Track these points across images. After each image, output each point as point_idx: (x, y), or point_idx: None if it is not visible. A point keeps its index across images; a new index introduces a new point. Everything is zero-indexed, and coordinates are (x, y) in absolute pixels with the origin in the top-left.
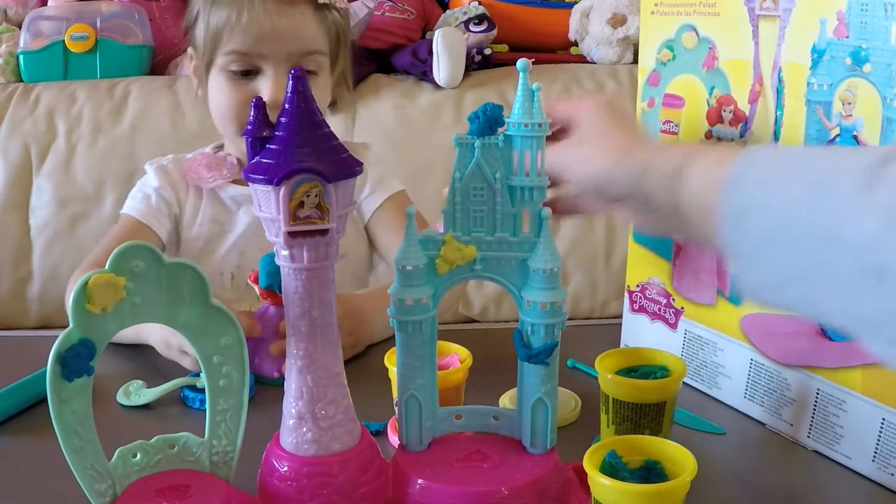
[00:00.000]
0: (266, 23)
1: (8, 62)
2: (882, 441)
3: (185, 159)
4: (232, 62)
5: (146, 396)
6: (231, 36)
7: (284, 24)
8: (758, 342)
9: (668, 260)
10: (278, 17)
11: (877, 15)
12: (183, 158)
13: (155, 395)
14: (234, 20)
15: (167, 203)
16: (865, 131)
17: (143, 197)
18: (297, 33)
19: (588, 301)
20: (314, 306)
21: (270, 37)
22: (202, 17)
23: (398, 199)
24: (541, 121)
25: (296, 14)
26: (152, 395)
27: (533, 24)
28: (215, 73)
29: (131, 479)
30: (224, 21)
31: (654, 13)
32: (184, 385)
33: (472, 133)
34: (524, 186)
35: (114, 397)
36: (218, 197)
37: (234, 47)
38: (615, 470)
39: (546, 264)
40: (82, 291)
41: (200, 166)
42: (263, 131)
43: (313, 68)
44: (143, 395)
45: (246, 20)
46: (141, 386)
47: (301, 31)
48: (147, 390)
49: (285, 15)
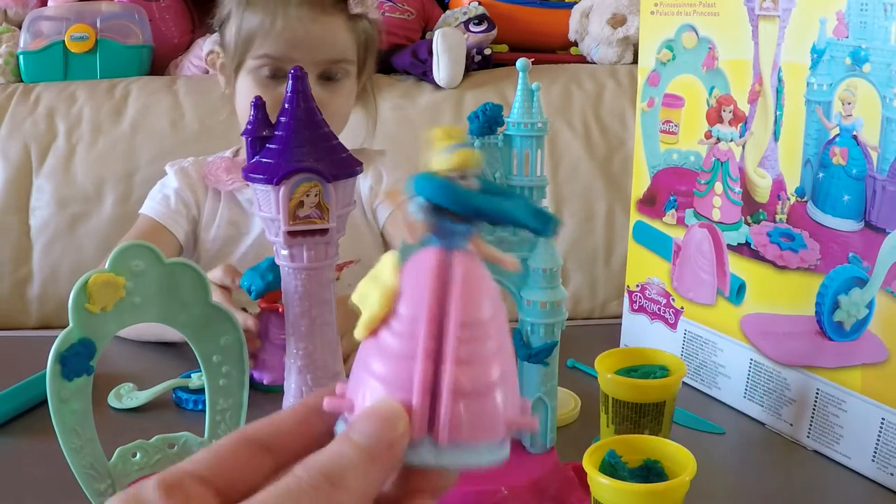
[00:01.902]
0: (300, 30)
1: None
2: (882, 441)
3: (206, 162)
4: (262, 66)
5: (138, 399)
6: (264, 41)
7: (317, 32)
8: (757, 342)
9: (668, 260)
10: (311, 24)
11: (876, 15)
12: (203, 161)
13: (147, 397)
14: (269, 26)
15: (186, 205)
16: (865, 131)
17: (162, 198)
18: (328, 42)
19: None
20: (314, 306)
21: (303, 44)
22: (234, 18)
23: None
24: (540, 121)
25: (328, 22)
26: (144, 397)
27: (533, 25)
28: (244, 75)
29: (131, 478)
30: (258, 25)
31: (654, 13)
32: (176, 386)
33: (472, 133)
34: (523, 186)
35: (104, 400)
36: (236, 200)
37: (266, 52)
38: (615, 469)
39: (546, 264)
40: (82, 291)
41: (219, 169)
42: (263, 131)
43: (340, 75)
44: (134, 398)
45: (280, 26)
46: (132, 389)
47: (332, 40)
48: (138, 393)
49: (318, 23)
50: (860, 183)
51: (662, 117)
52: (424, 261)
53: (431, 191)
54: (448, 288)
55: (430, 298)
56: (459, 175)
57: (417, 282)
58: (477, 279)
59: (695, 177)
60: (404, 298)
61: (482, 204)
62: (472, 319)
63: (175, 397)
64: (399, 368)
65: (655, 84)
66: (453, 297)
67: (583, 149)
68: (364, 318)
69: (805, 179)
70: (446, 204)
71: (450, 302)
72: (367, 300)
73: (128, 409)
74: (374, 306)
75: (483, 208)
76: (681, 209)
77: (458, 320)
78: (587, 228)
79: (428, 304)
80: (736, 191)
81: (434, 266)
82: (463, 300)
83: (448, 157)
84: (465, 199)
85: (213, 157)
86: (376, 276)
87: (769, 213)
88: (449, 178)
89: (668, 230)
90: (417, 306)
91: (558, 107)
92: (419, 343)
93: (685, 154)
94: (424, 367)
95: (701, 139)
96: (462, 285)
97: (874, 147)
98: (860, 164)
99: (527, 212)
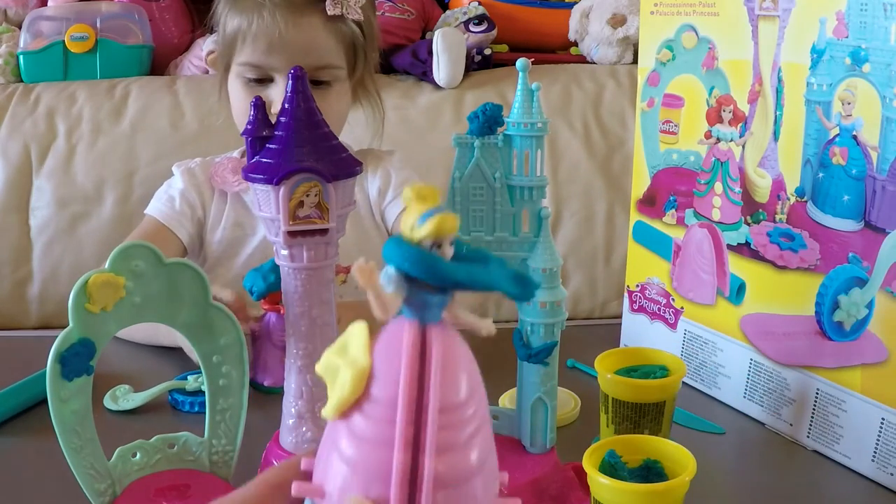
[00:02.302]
0: (275, 34)
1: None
2: (881, 441)
3: (213, 162)
4: (246, 71)
5: (134, 401)
6: (243, 46)
7: (294, 37)
8: (757, 342)
9: (667, 260)
10: (287, 28)
11: (876, 15)
12: (210, 161)
13: (143, 399)
14: (246, 28)
15: (191, 206)
16: (865, 131)
17: (167, 199)
18: (307, 47)
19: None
20: (314, 306)
21: (280, 49)
22: (221, 20)
23: None
24: (540, 121)
25: (305, 26)
26: (140, 399)
27: (533, 25)
28: (232, 78)
29: (131, 478)
30: (237, 28)
31: (653, 13)
32: (172, 388)
33: (472, 133)
34: (523, 186)
35: (99, 402)
36: (242, 201)
37: (247, 59)
38: (615, 469)
39: (545, 264)
40: (82, 291)
41: (226, 170)
42: (263, 131)
43: (327, 79)
44: (130, 400)
45: (256, 29)
46: (128, 391)
47: (311, 45)
48: (134, 395)
49: (296, 27)
50: (860, 183)
51: (662, 117)
52: (399, 338)
53: (405, 261)
54: (425, 368)
55: (407, 383)
56: (434, 243)
57: (392, 363)
58: (455, 357)
59: (695, 177)
60: (378, 380)
61: (458, 274)
62: (450, 403)
63: (171, 399)
64: (372, 455)
65: (655, 84)
66: (432, 380)
67: (583, 149)
68: (335, 400)
69: (805, 179)
70: (421, 276)
71: (428, 385)
72: (335, 377)
73: (124, 411)
74: (346, 388)
75: (459, 278)
76: (681, 209)
77: (437, 406)
78: (587, 228)
79: (405, 389)
80: (736, 191)
81: (410, 345)
82: (442, 384)
83: (422, 225)
84: (440, 270)
85: (220, 158)
86: (344, 347)
87: (769, 213)
88: (423, 246)
89: (668, 230)
90: (393, 390)
91: (558, 107)
92: (396, 430)
93: (685, 154)
94: (403, 459)
95: (701, 139)
96: (441, 367)
97: (874, 147)
98: (860, 164)
99: (505, 277)
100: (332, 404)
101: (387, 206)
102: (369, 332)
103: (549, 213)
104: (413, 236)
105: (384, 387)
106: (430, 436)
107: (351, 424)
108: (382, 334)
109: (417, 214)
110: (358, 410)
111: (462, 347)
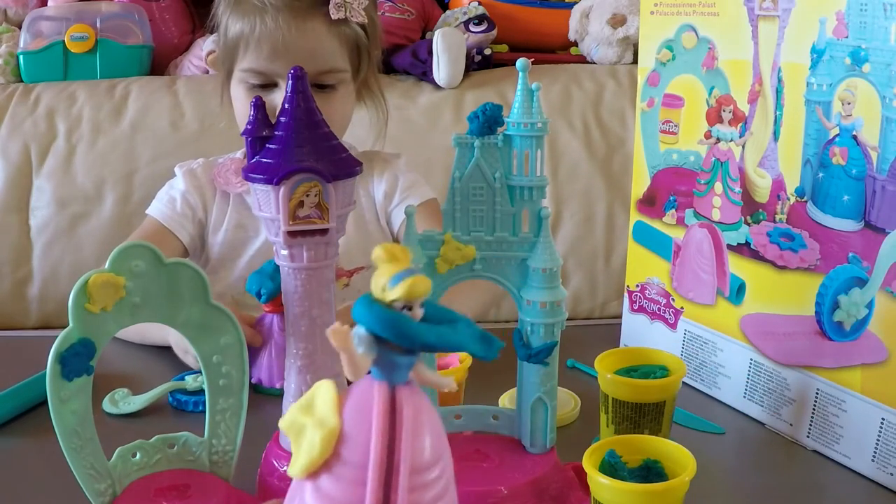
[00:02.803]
0: (278, 39)
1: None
2: (881, 441)
3: (215, 163)
4: (249, 77)
5: (134, 404)
6: (246, 51)
7: (297, 42)
8: (757, 342)
9: (667, 260)
10: (290, 33)
11: (876, 15)
12: (213, 162)
13: (143, 402)
14: (248, 33)
15: (192, 208)
16: (865, 131)
17: (168, 200)
18: (311, 52)
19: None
20: (314, 306)
21: (283, 55)
22: (222, 23)
23: (428, 206)
24: (540, 121)
25: (308, 31)
26: (140, 402)
27: (533, 25)
28: (235, 83)
29: (131, 478)
30: (239, 33)
31: (653, 13)
32: (172, 390)
33: (472, 133)
34: (523, 186)
35: (98, 405)
36: (244, 202)
37: (250, 65)
38: (614, 469)
39: (545, 264)
40: (82, 291)
41: (229, 171)
42: (263, 131)
43: (332, 82)
44: (130, 403)
45: (259, 34)
46: (127, 394)
47: (315, 50)
48: (134, 398)
49: (299, 31)
50: (860, 183)
51: (662, 117)
52: (369, 400)
53: (375, 323)
54: (395, 431)
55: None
56: (405, 305)
57: (363, 425)
58: (423, 419)
59: (695, 177)
60: (348, 442)
61: (428, 336)
62: (420, 465)
63: (173, 400)
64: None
65: (655, 84)
66: (403, 443)
67: (583, 149)
68: (303, 461)
69: (805, 179)
70: (391, 338)
71: (399, 447)
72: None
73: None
74: (315, 449)
75: (428, 341)
76: (681, 209)
77: (407, 468)
78: (587, 228)
79: (377, 452)
80: (736, 191)
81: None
82: (412, 446)
83: (394, 287)
84: (410, 333)
85: (222, 159)
86: (310, 406)
87: (769, 213)
88: (393, 308)
89: (668, 230)
90: (364, 452)
91: (558, 107)
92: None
93: (685, 154)
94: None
95: (701, 139)
96: (411, 430)
97: (874, 147)
98: (860, 164)
99: (471, 339)
100: (301, 465)
101: (392, 210)
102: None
103: (549, 213)
104: (384, 297)
105: (355, 449)
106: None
107: (319, 485)
108: (351, 394)
109: (388, 275)
110: (326, 471)
111: (428, 406)
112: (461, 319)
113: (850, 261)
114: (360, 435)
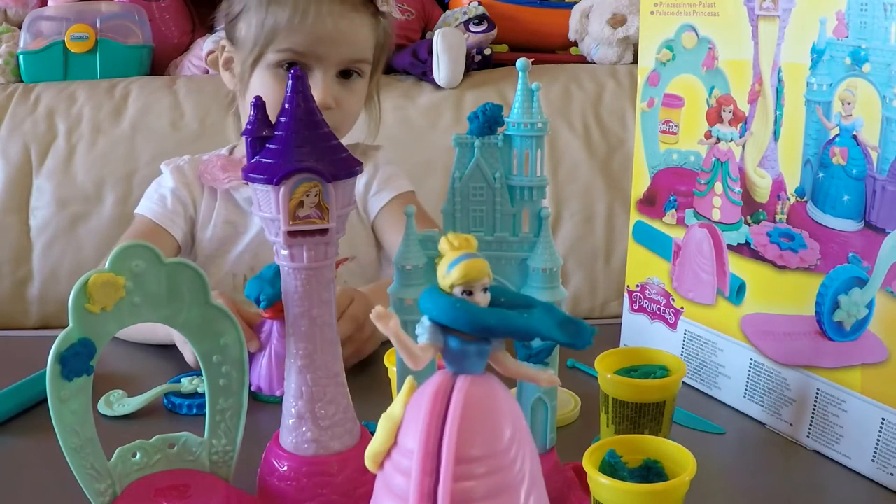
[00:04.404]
0: (329, 25)
1: (8, 62)
2: (881, 441)
3: (201, 160)
4: (285, 59)
5: (129, 406)
6: (290, 34)
7: (344, 29)
8: (757, 342)
9: (667, 260)
10: (340, 20)
11: (876, 15)
12: (199, 159)
13: (138, 404)
14: (298, 20)
15: (183, 204)
16: (865, 131)
17: (158, 198)
18: (352, 39)
19: (588, 301)
20: (314, 306)
21: (328, 40)
22: (255, 14)
23: (405, 198)
24: (540, 121)
25: (356, 20)
26: (135, 404)
27: (533, 25)
28: (262, 69)
29: (131, 478)
30: (286, 20)
31: (653, 13)
32: (167, 392)
33: (472, 133)
34: (524, 186)
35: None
36: (232, 198)
37: (291, 45)
38: (615, 469)
39: (545, 264)
40: (82, 291)
41: (215, 167)
42: (263, 131)
43: (357, 74)
44: (125, 405)
45: (311, 21)
46: (122, 395)
47: (356, 38)
48: (129, 400)
49: (346, 19)
50: (860, 183)
51: (662, 117)
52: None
53: (434, 310)
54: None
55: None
56: (465, 290)
57: (417, 415)
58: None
59: (695, 177)
60: (405, 430)
61: (488, 320)
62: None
63: (168, 402)
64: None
65: (655, 84)
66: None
67: (583, 149)
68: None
69: (805, 179)
70: (451, 323)
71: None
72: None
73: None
74: (378, 438)
75: (492, 325)
76: (681, 209)
77: (451, 457)
78: (587, 228)
79: (423, 440)
80: (736, 191)
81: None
82: (458, 434)
83: (451, 272)
84: (468, 316)
85: (208, 156)
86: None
87: (769, 213)
88: (454, 294)
89: (668, 230)
90: (415, 441)
91: (558, 107)
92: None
93: (685, 154)
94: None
95: (701, 139)
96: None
97: (874, 147)
98: (860, 164)
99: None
100: (367, 454)
101: (371, 198)
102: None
103: (549, 213)
104: (444, 284)
105: (408, 437)
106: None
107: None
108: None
109: (447, 262)
110: (390, 462)
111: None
112: (540, 304)
113: (851, 261)
114: (414, 423)
